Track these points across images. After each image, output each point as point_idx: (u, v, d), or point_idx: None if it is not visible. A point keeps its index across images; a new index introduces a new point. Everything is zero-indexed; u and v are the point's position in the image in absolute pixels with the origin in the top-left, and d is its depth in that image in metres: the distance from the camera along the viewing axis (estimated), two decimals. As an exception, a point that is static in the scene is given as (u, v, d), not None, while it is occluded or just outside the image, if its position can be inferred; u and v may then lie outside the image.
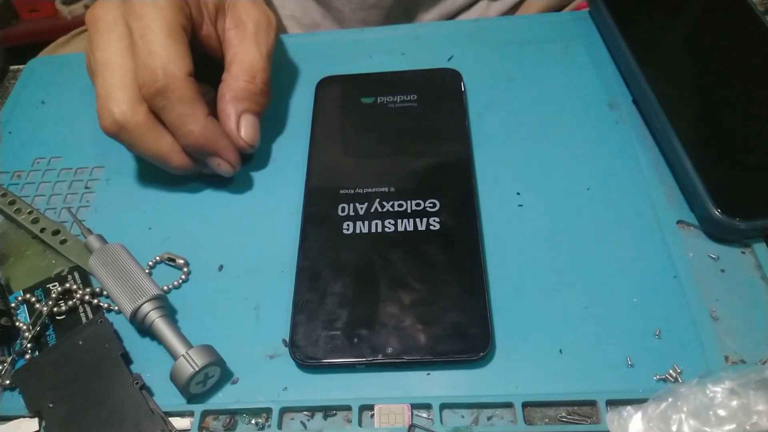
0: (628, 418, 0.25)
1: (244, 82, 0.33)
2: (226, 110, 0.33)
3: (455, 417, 0.27)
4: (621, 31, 0.37)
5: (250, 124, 0.34)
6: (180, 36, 0.31)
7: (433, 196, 0.32)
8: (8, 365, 0.29)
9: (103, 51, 0.32)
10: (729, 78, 0.35)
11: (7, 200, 0.36)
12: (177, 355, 0.27)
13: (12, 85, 0.44)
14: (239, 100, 0.33)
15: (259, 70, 0.34)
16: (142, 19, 0.31)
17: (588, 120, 0.36)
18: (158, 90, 0.30)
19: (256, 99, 0.34)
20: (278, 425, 0.27)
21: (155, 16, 0.31)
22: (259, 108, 0.34)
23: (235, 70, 0.34)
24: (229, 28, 0.35)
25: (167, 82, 0.30)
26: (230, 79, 0.34)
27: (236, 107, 0.33)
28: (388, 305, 0.29)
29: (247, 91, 0.33)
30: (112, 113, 0.31)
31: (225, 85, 0.34)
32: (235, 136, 0.33)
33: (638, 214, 0.32)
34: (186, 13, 0.32)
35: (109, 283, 0.30)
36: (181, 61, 0.30)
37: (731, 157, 0.32)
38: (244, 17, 0.35)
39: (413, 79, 0.38)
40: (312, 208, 0.33)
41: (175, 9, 0.31)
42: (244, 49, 0.34)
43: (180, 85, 0.30)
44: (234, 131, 0.33)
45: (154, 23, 0.30)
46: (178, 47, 0.31)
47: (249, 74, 0.34)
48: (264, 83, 0.34)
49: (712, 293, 0.29)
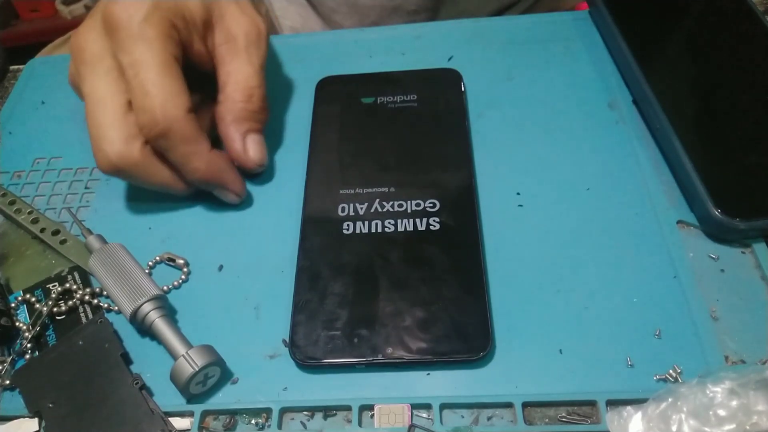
0: (628, 418, 0.25)
1: (241, 102, 0.33)
2: (230, 134, 0.33)
3: (455, 417, 0.27)
4: (621, 31, 0.37)
5: (257, 144, 0.34)
6: (174, 69, 0.30)
7: (433, 196, 0.32)
8: (8, 365, 0.29)
9: (91, 86, 0.31)
10: (729, 78, 0.35)
11: (7, 200, 0.36)
12: (177, 355, 0.27)
13: (12, 85, 0.44)
14: (240, 121, 0.33)
15: (255, 87, 0.33)
16: (132, 54, 0.29)
17: (588, 120, 0.36)
18: (159, 133, 0.29)
19: (257, 117, 0.33)
20: (278, 425, 0.27)
21: (145, 51, 0.29)
22: (261, 126, 0.34)
23: (231, 91, 0.33)
24: (219, 43, 0.33)
25: (168, 125, 0.29)
26: (228, 101, 0.33)
27: (239, 129, 0.33)
28: (388, 305, 0.29)
29: (247, 111, 0.33)
30: (107, 155, 0.30)
31: (224, 108, 0.33)
32: (244, 159, 0.33)
33: (638, 214, 0.32)
34: (176, 39, 0.31)
35: (109, 283, 0.30)
36: (178, 98, 0.30)
37: (731, 157, 0.32)
38: (234, 29, 0.33)
39: (413, 79, 0.38)
40: (312, 208, 0.33)
41: (165, 39, 0.30)
42: (237, 67, 0.33)
43: (181, 125, 0.30)
44: (242, 154, 0.33)
45: (145, 59, 0.29)
46: (174, 83, 0.30)
47: (245, 94, 0.33)
48: (261, 100, 0.34)
49: (712, 293, 0.29)
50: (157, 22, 0.30)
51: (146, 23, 0.30)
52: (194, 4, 0.32)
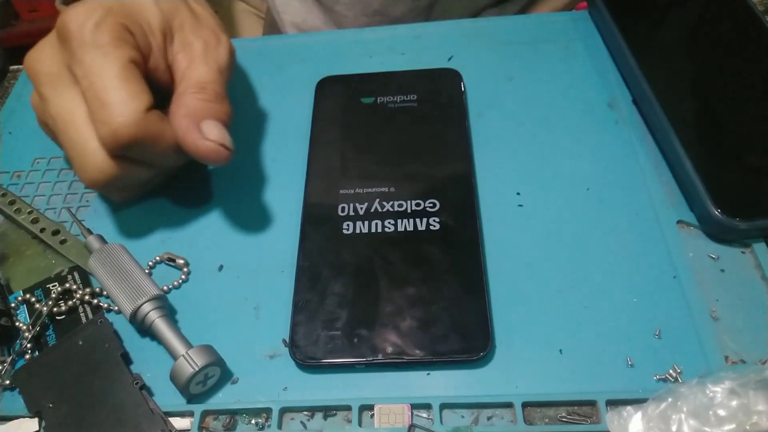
0: (628, 418, 0.25)
1: (192, 93, 0.30)
2: (183, 124, 0.29)
3: (455, 417, 0.27)
4: (621, 31, 0.37)
5: (214, 126, 0.29)
6: (130, 71, 0.29)
7: (433, 196, 0.32)
8: (8, 365, 0.29)
9: (56, 107, 0.30)
10: (729, 78, 0.35)
11: (7, 200, 0.36)
12: (177, 355, 0.27)
13: (12, 85, 0.44)
14: (193, 111, 0.29)
15: (209, 81, 0.31)
16: (83, 64, 0.28)
17: (588, 120, 0.36)
18: (123, 144, 0.28)
19: (212, 107, 0.30)
20: (278, 425, 0.27)
21: (98, 57, 0.28)
22: (219, 116, 0.30)
23: (182, 87, 0.30)
24: (176, 51, 0.31)
25: (129, 133, 0.28)
26: (178, 96, 0.30)
27: (194, 117, 0.29)
28: (387, 305, 0.29)
29: (200, 101, 0.30)
30: (89, 174, 0.29)
31: (174, 104, 0.30)
32: (202, 143, 0.29)
33: (638, 214, 0.32)
34: (131, 43, 0.29)
35: (109, 283, 0.30)
36: (136, 101, 0.28)
37: (731, 157, 0.32)
38: (191, 38, 0.32)
39: (413, 79, 0.38)
40: (312, 208, 0.33)
41: (119, 43, 0.29)
42: (192, 68, 0.31)
43: (142, 128, 0.28)
44: (199, 139, 0.29)
45: (97, 66, 0.28)
46: (130, 86, 0.28)
47: (198, 87, 0.30)
48: (216, 91, 0.30)
49: (712, 293, 0.29)
50: (110, 27, 0.29)
51: (98, 29, 0.28)
52: (152, 13, 0.31)
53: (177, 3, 0.32)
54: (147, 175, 0.32)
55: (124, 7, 0.30)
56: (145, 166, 0.31)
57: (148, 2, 0.31)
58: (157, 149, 0.30)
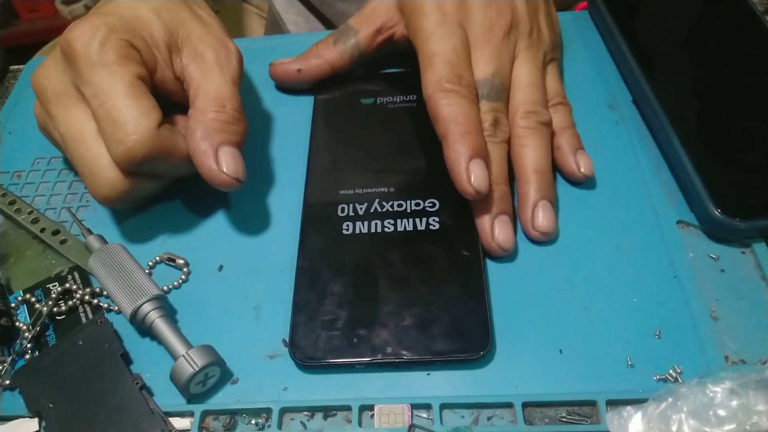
0: (628, 418, 0.25)
1: (213, 113, 0.30)
2: (201, 147, 0.29)
3: (455, 417, 0.27)
4: (621, 31, 0.37)
5: (231, 156, 0.30)
6: (138, 88, 0.29)
7: (433, 196, 0.32)
8: (8, 365, 0.29)
9: (65, 125, 0.30)
10: (729, 78, 0.35)
11: (7, 200, 0.36)
12: (177, 355, 0.27)
13: (12, 85, 0.44)
14: (212, 132, 0.30)
15: (227, 97, 0.31)
16: (92, 84, 0.28)
17: (588, 120, 0.36)
18: (138, 162, 0.29)
19: (231, 129, 0.30)
20: (278, 425, 0.27)
21: (106, 77, 0.28)
22: (237, 138, 0.31)
23: (201, 103, 0.30)
24: (187, 63, 0.31)
25: (143, 150, 0.28)
26: (197, 113, 0.30)
27: (211, 141, 0.30)
28: (387, 305, 0.29)
29: (219, 122, 0.30)
30: (102, 191, 0.30)
31: (193, 121, 0.30)
32: (217, 173, 0.29)
33: (638, 214, 0.32)
34: (137, 59, 0.30)
35: (109, 283, 0.30)
36: (147, 118, 0.28)
37: (731, 157, 0.32)
38: (201, 48, 0.31)
39: (413, 80, 0.38)
40: (312, 208, 0.33)
41: (126, 61, 0.29)
42: (207, 80, 0.31)
43: (156, 146, 0.29)
44: (214, 168, 0.29)
45: (107, 85, 0.28)
46: (140, 103, 0.29)
47: (216, 104, 0.30)
48: (235, 110, 0.31)
49: (712, 293, 0.29)
50: (115, 45, 0.29)
51: (103, 48, 0.29)
52: (155, 27, 0.31)
53: (179, 12, 0.32)
54: (158, 187, 0.33)
55: (126, 23, 0.30)
56: (157, 179, 0.32)
57: (150, 16, 0.31)
58: (170, 163, 0.30)
